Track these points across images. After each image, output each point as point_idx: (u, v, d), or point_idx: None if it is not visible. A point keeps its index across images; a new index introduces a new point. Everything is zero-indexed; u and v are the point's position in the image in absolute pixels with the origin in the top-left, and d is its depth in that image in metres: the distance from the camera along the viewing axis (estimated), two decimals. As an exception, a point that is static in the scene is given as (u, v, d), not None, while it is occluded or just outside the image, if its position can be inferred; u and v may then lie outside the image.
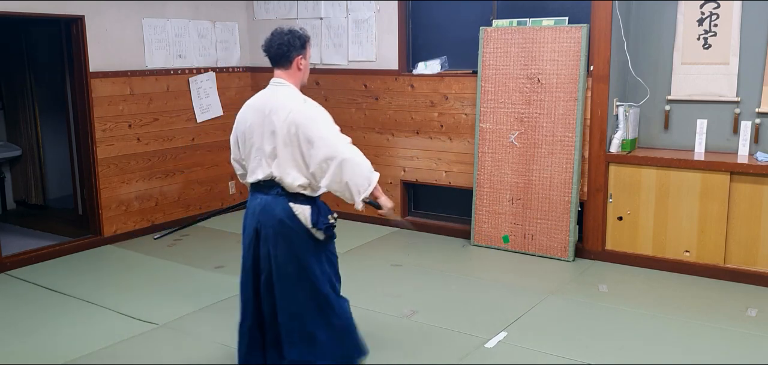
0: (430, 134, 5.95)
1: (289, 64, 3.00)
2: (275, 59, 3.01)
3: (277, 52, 2.98)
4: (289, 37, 2.97)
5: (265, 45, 3.04)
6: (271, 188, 2.97)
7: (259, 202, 3.01)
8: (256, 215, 3.02)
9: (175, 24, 6.32)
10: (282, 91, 2.98)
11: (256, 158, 2.98)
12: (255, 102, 3.03)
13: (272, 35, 3.02)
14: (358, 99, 6.33)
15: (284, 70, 3.01)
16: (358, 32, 6.26)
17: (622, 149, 5.08)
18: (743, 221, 4.66)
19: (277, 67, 3.02)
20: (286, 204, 2.96)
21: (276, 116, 2.88)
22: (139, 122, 6.08)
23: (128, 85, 5.97)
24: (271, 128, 2.89)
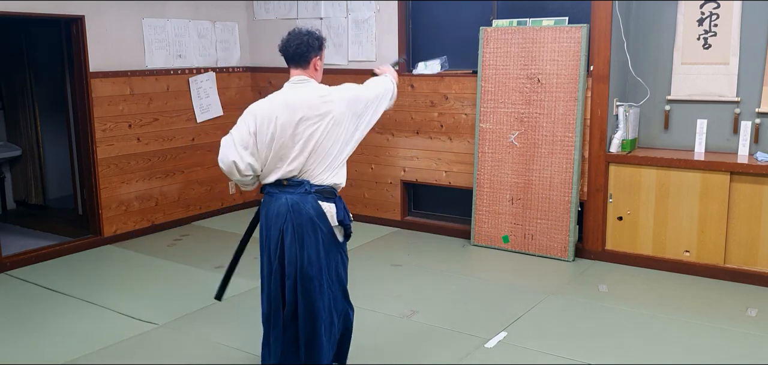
0: (430, 134, 5.95)
1: (307, 65, 3.02)
2: (293, 59, 3.01)
3: (296, 52, 2.99)
4: (308, 38, 2.99)
5: (282, 45, 3.02)
6: (298, 186, 2.95)
7: (284, 201, 2.95)
8: (281, 216, 2.95)
9: (175, 24, 6.32)
10: (310, 86, 3.00)
11: (286, 155, 2.92)
12: (282, 100, 2.96)
13: (290, 36, 3.02)
14: (358, 99, 6.32)
15: (303, 69, 3.03)
16: (358, 32, 6.26)
17: (622, 149, 5.08)
18: (743, 221, 4.66)
19: (294, 67, 3.02)
20: (316, 202, 2.96)
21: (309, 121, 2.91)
22: (139, 122, 6.08)
23: (128, 85, 5.97)
24: (301, 123, 2.90)
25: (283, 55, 3.04)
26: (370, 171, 6.38)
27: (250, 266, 5.23)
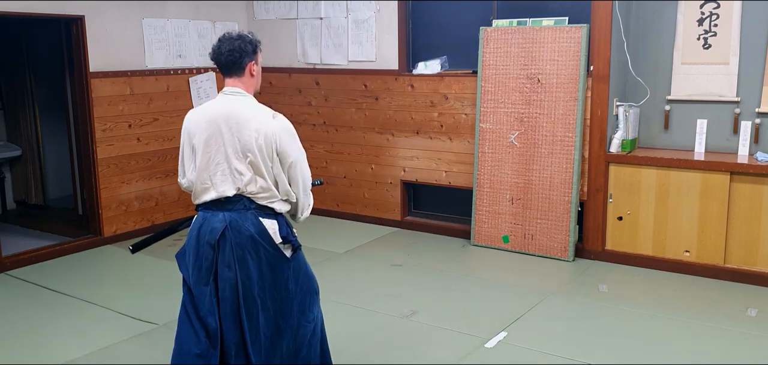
0: (430, 134, 5.95)
1: (242, 72, 2.80)
2: (226, 67, 2.79)
3: (228, 59, 2.77)
4: (240, 43, 2.77)
5: (213, 53, 2.81)
6: (236, 203, 2.75)
7: (220, 219, 2.74)
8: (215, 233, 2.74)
9: (175, 24, 6.32)
10: (242, 102, 2.77)
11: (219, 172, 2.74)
12: (209, 113, 2.77)
13: (220, 42, 2.80)
14: (358, 99, 6.33)
15: (237, 78, 2.80)
16: (358, 32, 6.26)
17: (622, 149, 5.08)
18: (743, 221, 4.66)
19: (228, 76, 2.81)
20: (256, 219, 2.77)
21: (246, 129, 2.69)
22: (139, 122, 6.08)
23: (128, 85, 5.97)
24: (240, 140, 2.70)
25: (216, 64, 2.82)
26: (370, 171, 6.38)
27: (250, 266, 5.23)
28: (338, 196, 6.64)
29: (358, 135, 6.41)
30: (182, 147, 2.86)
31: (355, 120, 6.37)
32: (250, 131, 2.70)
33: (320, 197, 6.78)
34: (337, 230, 6.23)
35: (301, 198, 2.88)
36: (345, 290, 4.70)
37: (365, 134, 6.32)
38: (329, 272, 5.07)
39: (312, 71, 6.61)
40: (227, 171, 2.74)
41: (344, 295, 4.58)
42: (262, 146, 2.70)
